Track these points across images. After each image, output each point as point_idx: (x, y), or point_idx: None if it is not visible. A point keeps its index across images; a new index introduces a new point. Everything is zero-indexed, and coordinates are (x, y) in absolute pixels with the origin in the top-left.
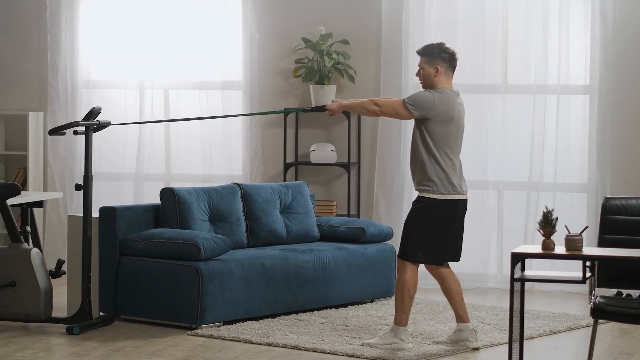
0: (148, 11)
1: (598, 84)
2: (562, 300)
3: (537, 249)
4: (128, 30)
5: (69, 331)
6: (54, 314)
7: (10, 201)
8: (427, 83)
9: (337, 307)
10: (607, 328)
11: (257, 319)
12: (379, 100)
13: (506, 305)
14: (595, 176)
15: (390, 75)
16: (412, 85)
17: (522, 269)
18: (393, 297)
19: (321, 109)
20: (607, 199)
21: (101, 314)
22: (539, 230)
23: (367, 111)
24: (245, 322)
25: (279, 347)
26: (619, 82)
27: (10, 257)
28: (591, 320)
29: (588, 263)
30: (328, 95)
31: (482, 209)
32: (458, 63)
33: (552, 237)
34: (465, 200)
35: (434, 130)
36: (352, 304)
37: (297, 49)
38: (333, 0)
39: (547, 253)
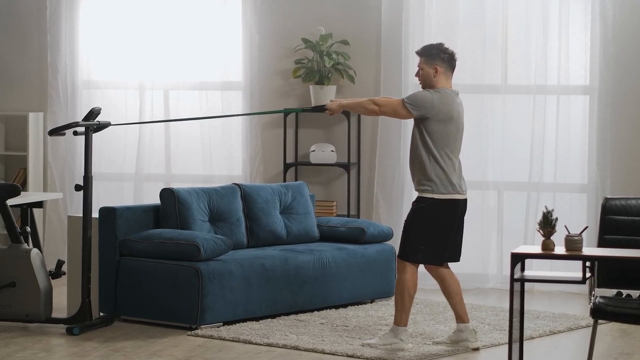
0: (148, 11)
1: (598, 84)
2: (562, 301)
3: (537, 249)
4: (128, 31)
5: (69, 332)
6: (54, 315)
7: (10, 202)
8: (427, 83)
9: (337, 307)
10: (607, 328)
11: (257, 319)
12: (378, 100)
13: (506, 305)
14: (595, 176)
15: (390, 76)
16: (412, 86)
17: (522, 269)
18: (393, 298)
19: (321, 108)
20: (606, 199)
21: (101, 314)
22: (538, 231)
23: (367, 110)
24: (245, 323)
25: (279, 347)
26: (619, 83)
27: (10, 257)
28: (591, 321)
29: (588, 263)
30: (328, 95)
31: (482, 209)
32: (458, 63)
33: (552, 238)
34: (465, 200)
35: (433, 129)
36: (352, 304)
37: (297, 49)
38: (333, 0)
39: (547, 253)
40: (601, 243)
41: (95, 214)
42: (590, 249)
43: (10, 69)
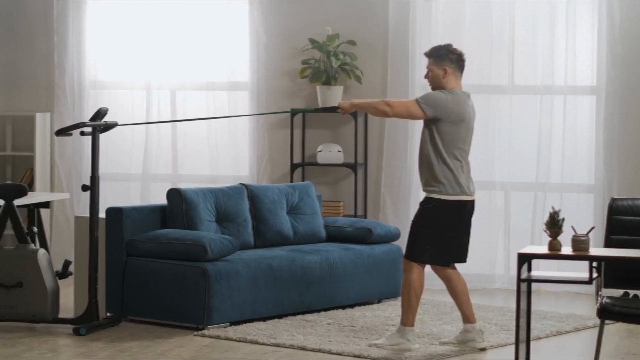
0: (155, 12)
1: (605, 84)
2: (568, 301)
3: (544, 249)
4: (135, 31)
5: (76, 332)
6: (61, 315)
7: (17, 202)
8: (436, 84)
9: (344, 307)
10: (614, 329)
11: (264, 319)
12: (390, 101)
13: (513, 305)
14: (602, 177)
15: (397, 76)
16: (419, 86)
17: (529, 269)
18: (400, 298)
19: (333, 108)
20: (613, 200)
21: (108, 314)
22: (545, 231)
23: (377, 111)
24: (252, 323)
25: (286, 347)
26: (626, 83)
27: (17, 257)
28: (598, 321)
29: (595, 264)
30: (335, 96)
31: (489, 209)
32: (465, 64)
33: (558, 238)
34: (473, 202)
35: (444, 130)
36: (359, 304)
37: (304, 50)
38: (340, 1)
39: (554, 254)
40: (608, 243)
41: (102, 215)
42: (597, 250)
43: (17, 69)
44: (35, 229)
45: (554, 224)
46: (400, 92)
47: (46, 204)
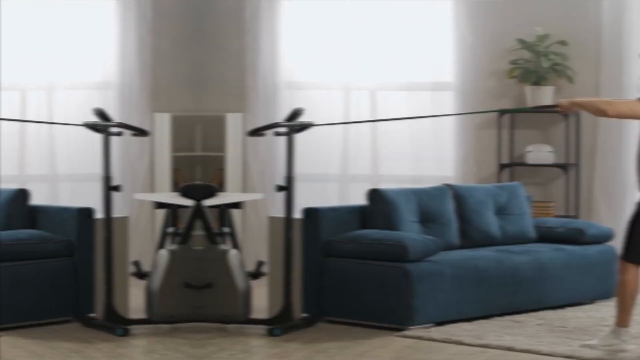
0: (353, 11)
1: None
2: None
3: None
4: (332, 30)
5: (270, 332)
6: (254, 316)
7: (208, 202)
8: None
9: (554, 308)
10: None
11: (469, 320)
12: (612, 100)
13: None
14: None
15: (610, 77)
16: (634, 87)
17: None
18: (614, 299)
19: (551, 107)
20: None
21: (303, 315)
22: None
23: (596, 110)
24: (456, 324)
25: (493, 348)
26: None
27: (207, 258)
28: None
29: None
30: (545, 96)
31: None
32: None
33: None
34: None
35: None
36: (571, 305)
37: (513, 50)
38: (550, 1)
39: None
40: None
41: (296, 215)
42: None
43: (207, 69)
44: (226, 230)
45: None
46: (614, 92)
47: (237, 205)
